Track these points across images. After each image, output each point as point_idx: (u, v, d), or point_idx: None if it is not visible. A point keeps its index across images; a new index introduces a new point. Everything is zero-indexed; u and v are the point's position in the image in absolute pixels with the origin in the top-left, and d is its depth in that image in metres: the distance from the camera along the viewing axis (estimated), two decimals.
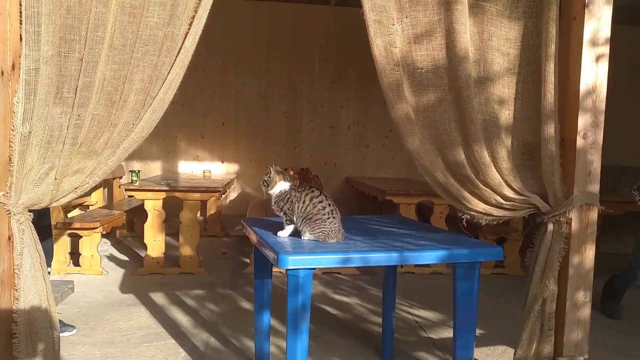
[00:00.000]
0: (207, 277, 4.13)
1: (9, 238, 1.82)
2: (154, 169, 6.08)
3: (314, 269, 1.76)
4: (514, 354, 2.08)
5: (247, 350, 2.70)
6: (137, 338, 2.82)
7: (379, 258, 1.79)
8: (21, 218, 1.82)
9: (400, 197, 4.39)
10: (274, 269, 2.34)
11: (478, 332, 2.14)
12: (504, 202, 2.04)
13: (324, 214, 1.90)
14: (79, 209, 5.44)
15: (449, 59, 2.06)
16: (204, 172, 5.74)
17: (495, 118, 2.04)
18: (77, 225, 3.96)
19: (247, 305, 3.45)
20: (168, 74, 1.92)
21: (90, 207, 5.49)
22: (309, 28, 6.24)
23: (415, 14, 2.06)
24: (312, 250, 1.79)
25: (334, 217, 1.92)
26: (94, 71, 1.85)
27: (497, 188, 2.02)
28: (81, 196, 5.52)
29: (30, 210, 1.86)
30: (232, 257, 4.96)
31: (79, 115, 1.85)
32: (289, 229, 1.97)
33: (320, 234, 1.90)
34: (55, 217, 3.97)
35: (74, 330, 2.84)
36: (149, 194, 4.09)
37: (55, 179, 1.85)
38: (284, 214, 1.96)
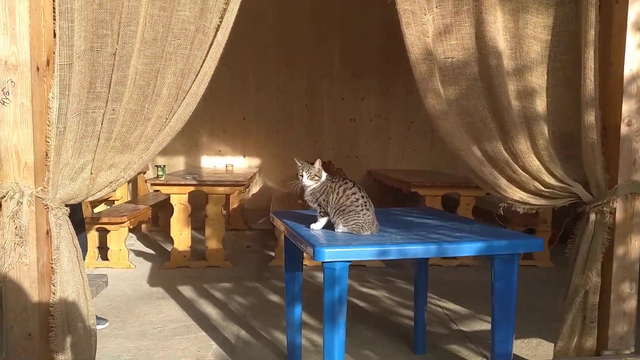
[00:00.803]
0: (233, 271, 4.15)
1: (47, 232, 1.84)
2: (176, 164, 6.12)
3: (350, 261, 1.74)
4: (554, 345, 2.03)
5: (277, 343, 2.70)
6: (168, 331, 2.84)
7: (417, 250, 1.76)
8: (58, 213, 1.83)
9: (425, 189, 4.34)
10: (305, 261, 2.33)
11: None
12: (543, 189, 1.98)
13: (358, 206, 1.87)
14: (105, 204, 5.51)
15: (479, 48, 2.03)
16: (226, 166, 5.76)
17: (533, 105, 1.99)
18: (104, 220, 4.01)
19: (274, 298, 3.45)
20: (200, 67, 1.91)
21: (115, 202, 5.56)
22: (328, 20, 6.19)
23: (444, 3, 2.03)
24: (348, 243, 1.76)
25: (368, 209, 1.89)
26: (127, 65, 1.85)
27: (536, 174, 1.95)
28: None
29: (66, 205, 1.88)
30: (256, 250, 4.98)
31: (113, 110, 1.86)
32: (323, 221, 1.95)
33: (354, 226, 1.87)
34: (83, 212, 4.02)
35: (107, 324, 2.87)
36: (174, 189, 4.12)
37: (91, 173, 1.86)
38: (319, 205, 1.94)
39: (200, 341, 2.72)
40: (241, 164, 6.18)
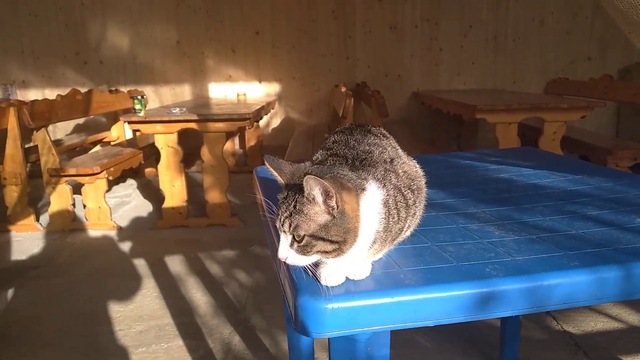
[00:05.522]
0: (241, 230, 3.23)
1: None
2: (182, 93, 5.10)
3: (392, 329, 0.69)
4: None
5: (285, 358, 1.79)
6: (131, 338, 1.97)
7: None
8: None
9: (497, 114, 3.13)
10: None
11: None
12: None
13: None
14: (100, 145, 4.66)
15: None
16: (237, 95, 4.71)
17: None
18: (71, 171, 3.11)
19: None
20: None
21: (111, 143, 4.68)
22: None
23: None
24: (384, 280, 0.70)
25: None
26: None
27: None
28: (100, 131, 4.52)
29: None
30: None
31: None
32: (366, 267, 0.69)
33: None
34: (45, 162, 3.14)
35: None
36: (158, 127, 3.13)
37: None
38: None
39: (171, 357, 1.83)
40: (257, 91, 5.09)
